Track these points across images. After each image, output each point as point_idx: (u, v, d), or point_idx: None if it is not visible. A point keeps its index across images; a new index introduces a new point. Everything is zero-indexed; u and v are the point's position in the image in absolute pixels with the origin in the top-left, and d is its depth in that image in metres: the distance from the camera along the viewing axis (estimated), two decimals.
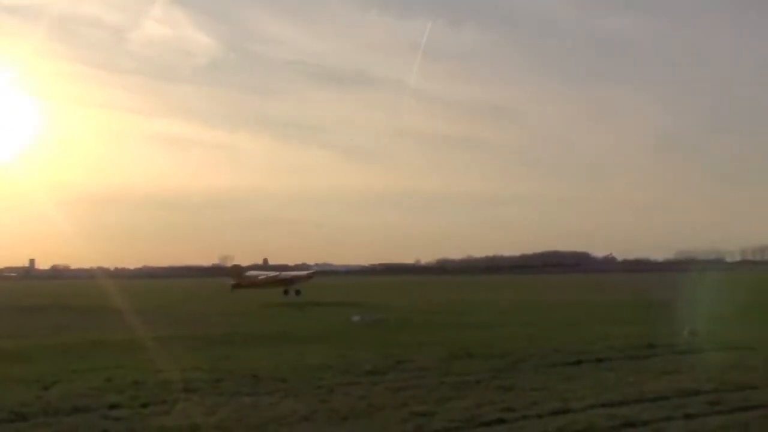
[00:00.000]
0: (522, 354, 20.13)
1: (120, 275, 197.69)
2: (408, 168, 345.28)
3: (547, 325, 31.13)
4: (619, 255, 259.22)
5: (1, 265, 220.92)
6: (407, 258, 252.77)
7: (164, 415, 12.83)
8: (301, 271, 76.69)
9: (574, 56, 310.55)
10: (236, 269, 71.87)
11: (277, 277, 67.71)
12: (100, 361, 20.17)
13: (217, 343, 25.54)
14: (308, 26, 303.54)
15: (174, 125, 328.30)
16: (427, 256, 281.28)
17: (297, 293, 63.51)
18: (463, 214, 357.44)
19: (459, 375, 16.84)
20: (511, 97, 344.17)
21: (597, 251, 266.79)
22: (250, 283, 65.92)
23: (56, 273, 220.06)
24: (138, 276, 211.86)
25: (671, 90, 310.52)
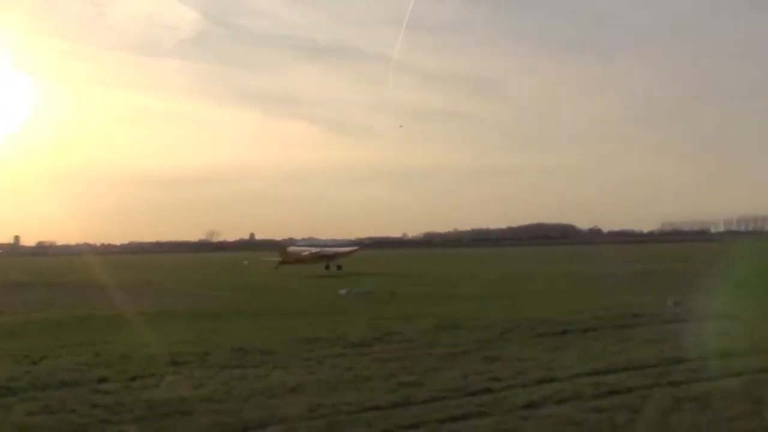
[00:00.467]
0: (508, 325, 20.25)
1: (106, 252, 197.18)
2: (394, 142, 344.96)
3: (533, 297, 31.34)
4: (605, 227, 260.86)
5: None
6: (394, 232, 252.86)
7: (153, 388, 12.86)
8: (343, 247, 77.69)
9: (557, 29, 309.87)
10: (279, 247, 73.02)
11: (319, 253, 69.14)
12: (88, 336, 20.17)
13: (205, 317, 25.58)
14: (293, 0, 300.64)
15: (158, 101, 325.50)
16: (413, 229, 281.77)
17: (338, 268, 65.29)
18: (450, 187, 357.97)
19: (446, 346, 16.93)
20: (495, 69, 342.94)
21: (583, 223, 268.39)
22: (296, 260, 67.13)
23: (42, 250, 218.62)
24: (125, 252, 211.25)
25: (655, 62, 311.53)
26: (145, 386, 13.05)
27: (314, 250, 70.80)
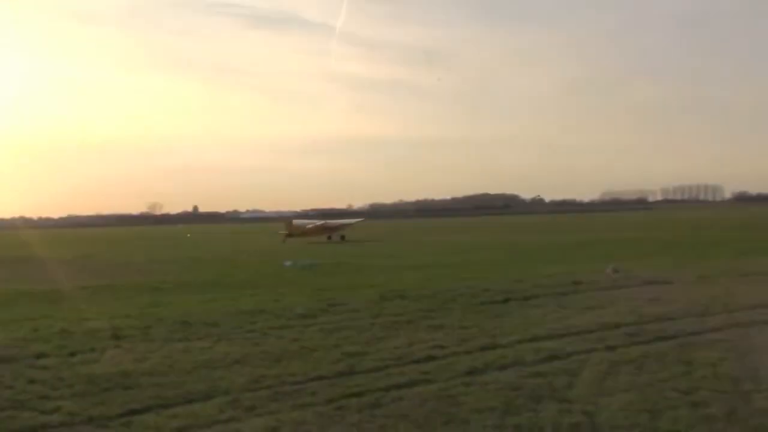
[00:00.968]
0: (452, 294, 20.47)
1: (44, 225, 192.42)
2: (338, 112, 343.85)
3: (477, 266, 31.74)
4: (547, 197, 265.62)
5: None
6: (339, 203, 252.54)
7: (93, 363, 12.65)
8: (347, 220, 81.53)
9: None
10: (286, 220, 74.06)
11: (324, 225, 71.83)
12: (26, 311, 19.67)
13: (148, 290, 25.21)
14: None
15: (98, 70, 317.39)
16: (359, 200, 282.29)
17: (342, 238, 67.96)
18: (395, 158, 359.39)
19: (391, 316, 17.05)
20: (440, 40, 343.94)
21: (525, 193, 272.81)
22: (301, 232, 68.90)
23: None
24: (63, 225, 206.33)
25: (597, 34, 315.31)
26: (85, 361, 12.81)
27: (318, 222, 73.65)
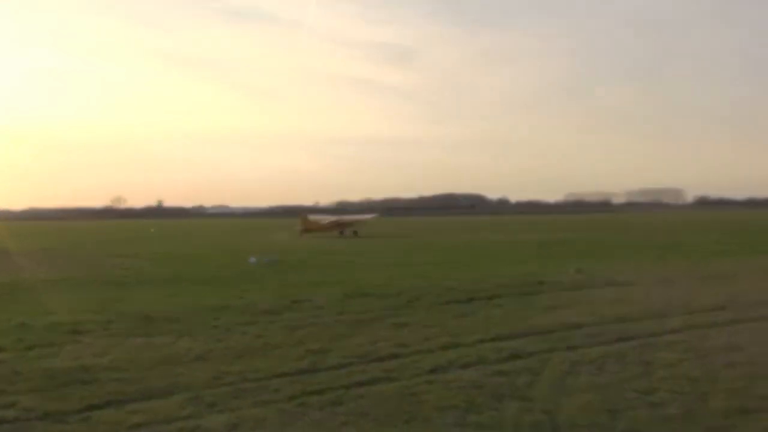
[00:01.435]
0: (417, 293, 20.55)
1: (4, 217, 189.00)
2: (307, 109, 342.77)
3: (442, 265, 31.86)
4: (513, 198, 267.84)
5: None
6: (306, 200, 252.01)
7: (52, 357, 12.47)
8: (362, 215, 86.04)
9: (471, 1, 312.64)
10: (302, 216, 75.68)
11: (339, 221, 73.75)
12: None
13: (109, 285, 24.90)
14: None
15: (64, 60, 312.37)
16: (326, 197, 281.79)
17: (355, 233, 69.54)
18: (362, 156, 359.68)
19: (355, 313, 17.07)
20: (411, 39, 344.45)
21: (491, 193, 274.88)
22: (318, 228, 70.97)
23: None
24: (24, 218, 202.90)
25: (567, 37, 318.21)
26: (43, 355, 12.63)
27: (333, 218, 75.71)
